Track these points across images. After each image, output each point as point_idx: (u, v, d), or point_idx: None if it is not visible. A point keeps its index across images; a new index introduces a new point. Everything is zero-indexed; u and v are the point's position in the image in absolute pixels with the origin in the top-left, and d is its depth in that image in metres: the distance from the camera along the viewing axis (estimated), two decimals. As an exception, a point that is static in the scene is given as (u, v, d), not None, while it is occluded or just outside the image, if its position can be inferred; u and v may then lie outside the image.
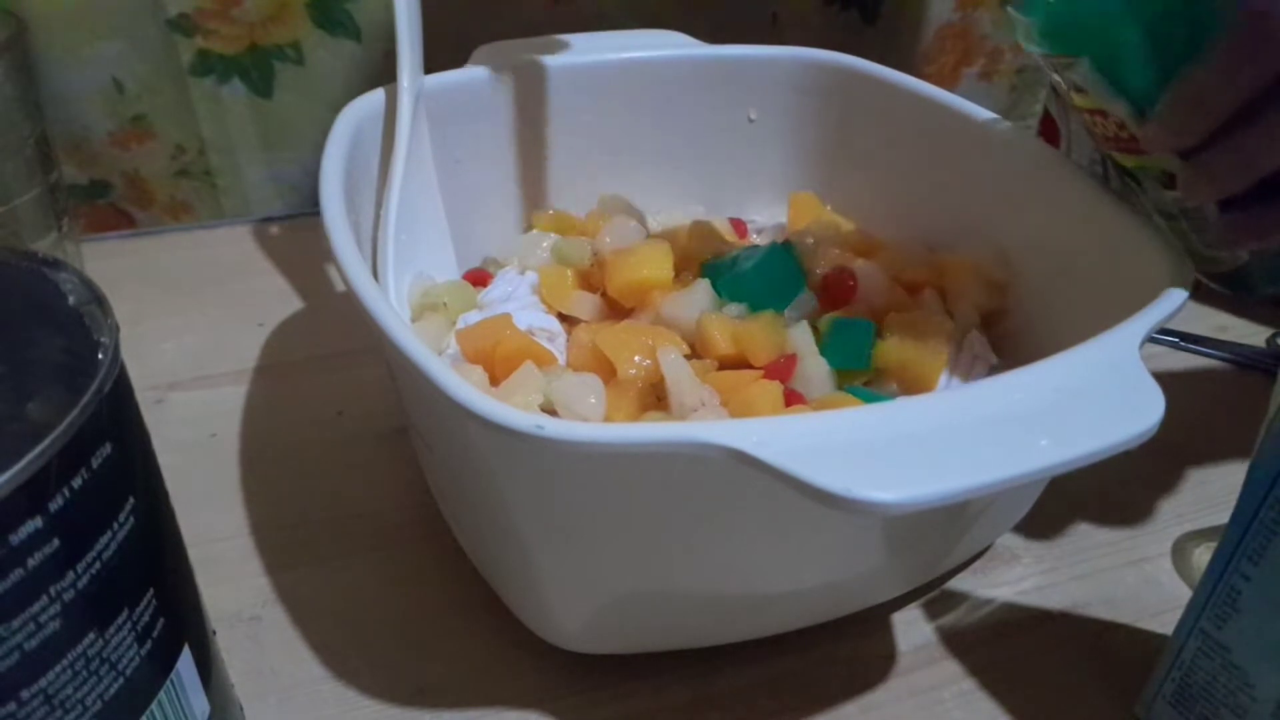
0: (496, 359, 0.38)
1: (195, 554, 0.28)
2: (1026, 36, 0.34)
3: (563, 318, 0.44)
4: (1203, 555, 0.40)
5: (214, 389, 0.50)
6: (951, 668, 0.37)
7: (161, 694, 0.25)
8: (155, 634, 0.24)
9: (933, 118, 0.47)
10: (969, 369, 0.41)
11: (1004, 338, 0.43)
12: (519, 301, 0.43)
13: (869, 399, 0.38)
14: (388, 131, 0.43)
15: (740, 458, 0.26)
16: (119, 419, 0.23)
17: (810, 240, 0.47)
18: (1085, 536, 0.43)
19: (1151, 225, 0.37)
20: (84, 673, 0.22)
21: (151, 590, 0.24)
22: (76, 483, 0.21)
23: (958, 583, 0.40)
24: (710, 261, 0.44)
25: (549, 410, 0.36)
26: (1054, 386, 0.29)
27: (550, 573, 0.33)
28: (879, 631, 0.38)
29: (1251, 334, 0.56)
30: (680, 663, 0.36)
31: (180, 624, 0.26)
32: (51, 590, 0.21)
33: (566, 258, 0.46)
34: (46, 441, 0.20)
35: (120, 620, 0.23)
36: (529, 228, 0.50)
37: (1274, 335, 0.55)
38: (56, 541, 0.20)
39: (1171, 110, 0.32)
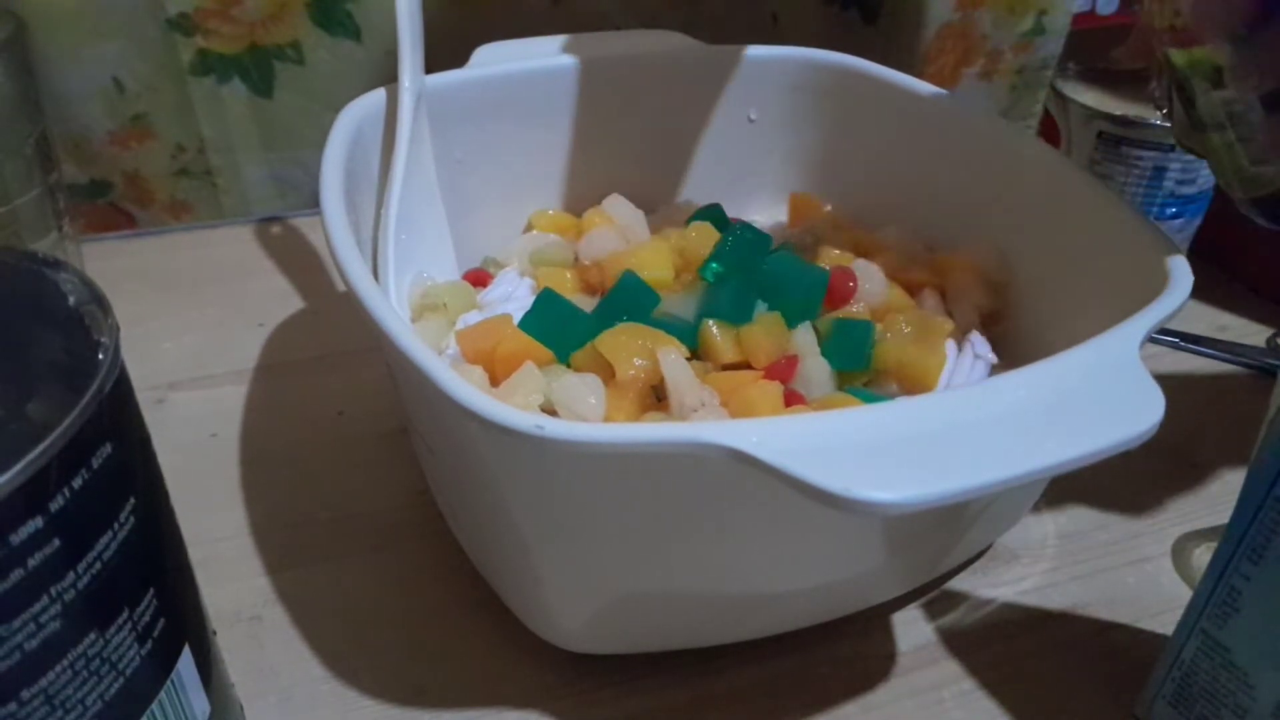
0: (496, 359, 0.38)
1: (195, 554, 0.28)
2: None
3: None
4: (1203, 555, 0.40)
5: (214, 389, 0.50)
6: (951, 668, 0.37)
7: (162, 694, 0.25)
8: (155, 634, 0.24)
9: (933, 118, 0.47)
10: (969, 369, 0.41)
11: (1004, 338, 0.43)
12: (519, 302, 0.43)
13: (869, 399, 0.38)
14: (388, 131, 0.43)
15: (740, 458, 0.26)
16: (119, 419, 0.23)
17: (810, 240, 0.47)
18: (1085, 536, 0.43)
19: (1151, 225, 0.37)
20: (84, 673, 0.22)
21: (152, 590, 0.24)
22: (77, 483, 0.21)
23: (958, 583, 0.40)
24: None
25: (549, 410, 0.36)
26: (1054, 386, 0.29)
27: (550, 573, 0.33)
28: (879, 631, 0.38)
29: (1251, 334, 0.56)
30: (680, 663, 0.36)
31: (180, 624, 0.26)
32: (52, 590, 0.21)
33: (547, 260, 0.46)
34: (47, 442, 0.20)
35: (120, 620, 0.23)
36: (529, 228, 0.50)
37: (1274, 335, 0.55)
38: (57, 541, 0.20)
39: None
